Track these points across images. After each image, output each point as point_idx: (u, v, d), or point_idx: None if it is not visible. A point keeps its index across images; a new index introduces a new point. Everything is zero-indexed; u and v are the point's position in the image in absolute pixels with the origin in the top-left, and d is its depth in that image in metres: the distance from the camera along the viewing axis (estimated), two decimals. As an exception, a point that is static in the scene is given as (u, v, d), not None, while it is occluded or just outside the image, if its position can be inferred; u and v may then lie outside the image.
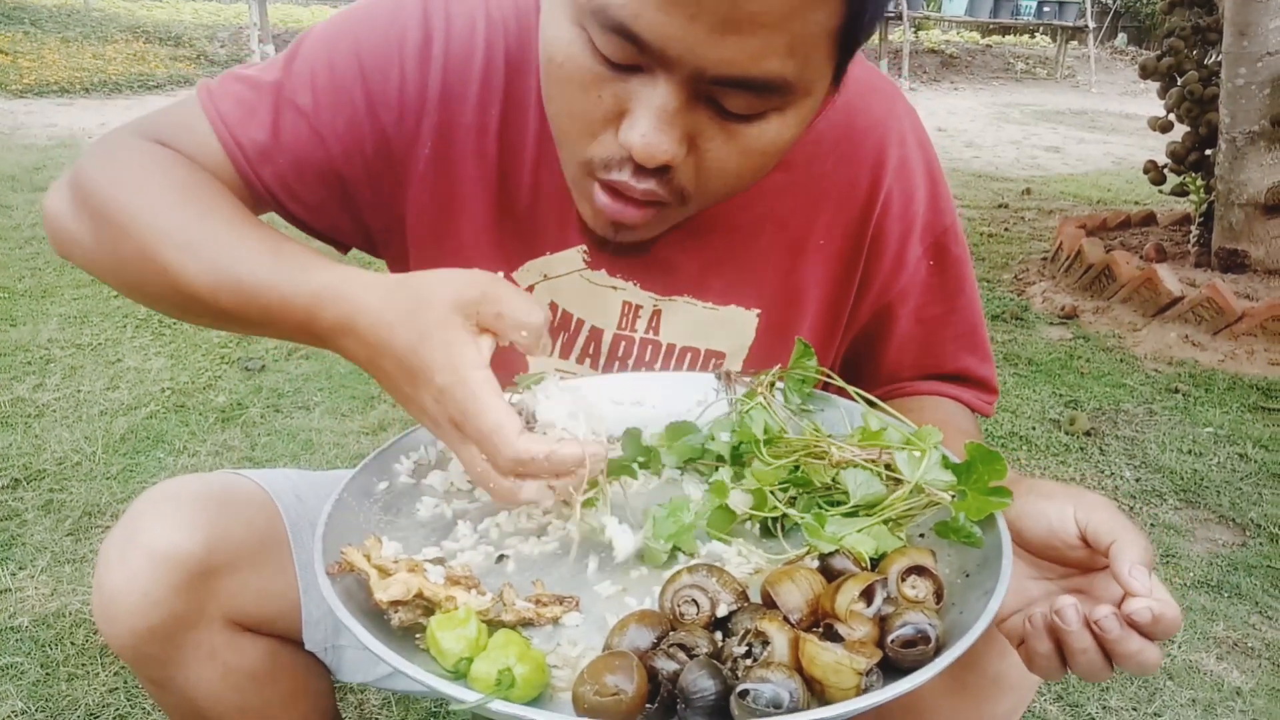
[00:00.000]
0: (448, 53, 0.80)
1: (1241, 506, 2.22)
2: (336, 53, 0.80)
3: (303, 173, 0.80)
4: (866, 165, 0.86)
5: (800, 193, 0.86)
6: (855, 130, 0.86)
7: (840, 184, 0.87)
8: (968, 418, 0.94)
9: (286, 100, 0.79)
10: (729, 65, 0.60)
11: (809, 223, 0.88)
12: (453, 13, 0.81)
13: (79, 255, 0.77)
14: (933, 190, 0.90)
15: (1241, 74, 3.37)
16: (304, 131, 0.79)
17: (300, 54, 0.81)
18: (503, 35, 0.81)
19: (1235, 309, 3.14)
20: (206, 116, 0.79)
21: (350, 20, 0.82)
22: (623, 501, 0.78)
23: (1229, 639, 1.76)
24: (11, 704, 1.43)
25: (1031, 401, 2.77)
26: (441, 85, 0.81)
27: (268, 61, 0.82)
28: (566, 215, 0.85)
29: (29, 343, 2.75)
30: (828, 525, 0.65)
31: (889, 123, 0.87)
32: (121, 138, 0.79)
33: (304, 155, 0.80)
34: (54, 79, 7.71)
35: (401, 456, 0.80)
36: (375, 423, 2.41)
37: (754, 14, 0.58)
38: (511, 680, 0.53)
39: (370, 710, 1.49)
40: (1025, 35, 15.91)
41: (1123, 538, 0.60)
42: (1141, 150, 6.70)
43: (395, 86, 0.80)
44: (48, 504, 1.96)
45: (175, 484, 0.83)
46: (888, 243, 0.89)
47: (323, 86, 0.79)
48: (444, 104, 0.81)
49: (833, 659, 0.53)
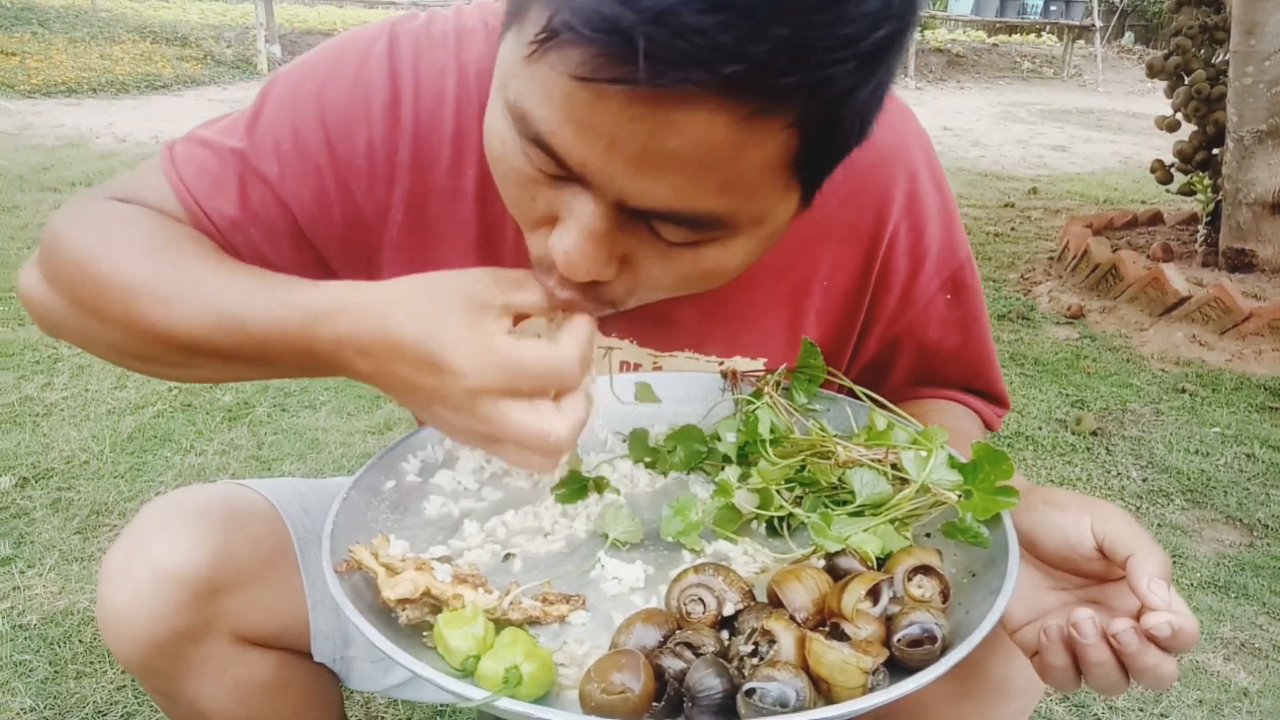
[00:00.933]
0: (416, 117, 0.76)
1: (1249, 507, 2.22)
2: (300, 115, 0.76)
3: (276, 240, 0.78)
4: (872, 203, 0.82)
5: (802, 237, 0.82)
6: (860, 167, 0.77)
7: (844, 224, 0.83)
8: (976, 425, 0.94)
9: (251, 169, 0.76)
10: (651, 199, 0.54)
11: (812, 265, 0.84)
12: (421, 68, 0.76)
13: (66, 330, 0.73)
14: (946, 223, 0.86)
15: (1249, 73, 3.36)
16: (270, 201, 0.76)
17: (264, 116, 0.77)
18: (475, 89, 0.76)
19: (1242, 308, 3.13)
20: (171, 186, 0.76)
21: (314, 76, 0.77)
22: (632, 494, 0.78)
23: (1236, 639, 1.75)
24: (20, 701, 1.44)
25: (1038, 401, 2.77)
26: (412, 151, 0.77)
27: (230, 120, 0.79)
28: None
29: (37, 342, 2.77)
30: (834, 525, 0.65)
31: (898, 156, 0.82)
32: (83, 202, 0.75)
33: (274, 225, 0.77)
34: (61, 79, 7.74)
35: (409, 455, 0.80)
36: (381, 422, 2.42)
37: (674, 151, 0.50)
38: (519, 678, 0.54)
39: (376, 709, 1.50)
40: (1031, 34, 15.88)
41: (1141, 550, 0.60)
42: (1148, 149, 6.69)
43: (363, 152, 0.76)
44: (56, 502, 1.97)
45: (179, 497, 0.81)
46: (895, 278, 0.86)
47: (287, 153, 0.76)
48: (414, 169, 0.77)
49: (839, 658, 0.53)
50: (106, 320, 0.68)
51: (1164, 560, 0.59)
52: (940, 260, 0.87)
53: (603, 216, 0.56)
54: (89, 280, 0.68)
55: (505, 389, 0.57)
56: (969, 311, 0.91)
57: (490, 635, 0.58)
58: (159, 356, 0.68)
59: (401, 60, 0.76)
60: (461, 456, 0.82)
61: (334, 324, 0.60)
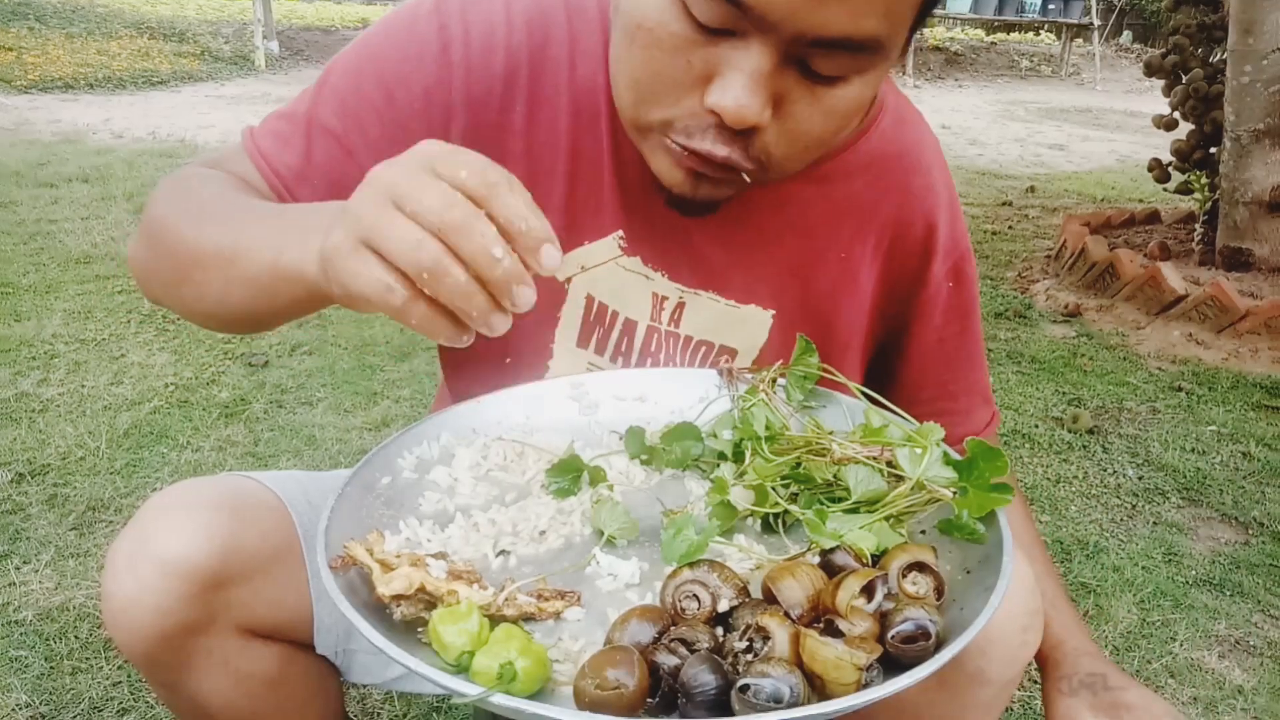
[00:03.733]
0: (467, 58, 0.82)
1: (1244, 505, 2.22)
2: (361, 76, 0.83)
3: (338, 192, 0.81)
4: (893, 189, 0.90)
5: (828, 207, 0.89)
6: (886, 156, 0.89)
7: (866, 204, 0.90)
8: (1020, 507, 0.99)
9: (317, 125, 0.83)
10: (830, 26, 0.61)
11: (832, 236, 0.90)
12: (470, 20, 0.82)
13: (164, 298, 0.80)
14: (953, 216, 0.94)
15: (1247, 72, 3.36)
16: (335, 152, 0.82)
17: (328, 82, 0.84)
18: (525, 36, 0.82)
19: (1239, 307, 3.14)
20: (246, 152, 0.84)
21: (370, 44, 0.84)
22: (627, 491, 0.78)
23: (1231, 637, 1.76)
24: (16, 697, 1.44)
25: (1034, 399, 2.77)
26: (465, 89, 0.82)
27: (301, 94, 0.86)
28: (602, 204, 0.87)
29: (33, 338, 2.76)
30: (829, 521, 0.65)
31: (918, 152, 0.91)
32: (175, 173, 0.83)
33: (337, 175, 0.82)
34: (59, 75, 7.72)
35: (405, 452, 0.80)
36: (378, 419, 2.42)
37: None
38: (513, 674, 0.54)
39: (373, 705, 1.50)
40: (1030, 32, 15.87)
41: None
42: (1146, 148, 6.69)
43: (419, 95, 0.82)
44: (52, 498, 1.97)
45: (184, 489, 0.81)
46: (908, 264, 0.93)
47: (350, 108, 0.82)
48: (468, 107, 0.83)
49: (833, 654, 0.53)
50: (185, 278, 0.74)
51: None
52: (947, 248, 0.93)
53: (767, 57, 0.64)
54: (165, 248, 0.75)
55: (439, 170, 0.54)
56: (967, 301, 0.97)
57: (485, 631, 0.58)
58: (240, 303, 0.72)
59: (449, 14, 0.83)
60: (458, 453, 0.82)
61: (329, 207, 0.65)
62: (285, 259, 0.64)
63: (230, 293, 0.71)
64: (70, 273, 3.31)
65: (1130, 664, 1.67)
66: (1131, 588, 1.88)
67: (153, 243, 0.79)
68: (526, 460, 0.82)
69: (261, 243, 0.67)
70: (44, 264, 3.39)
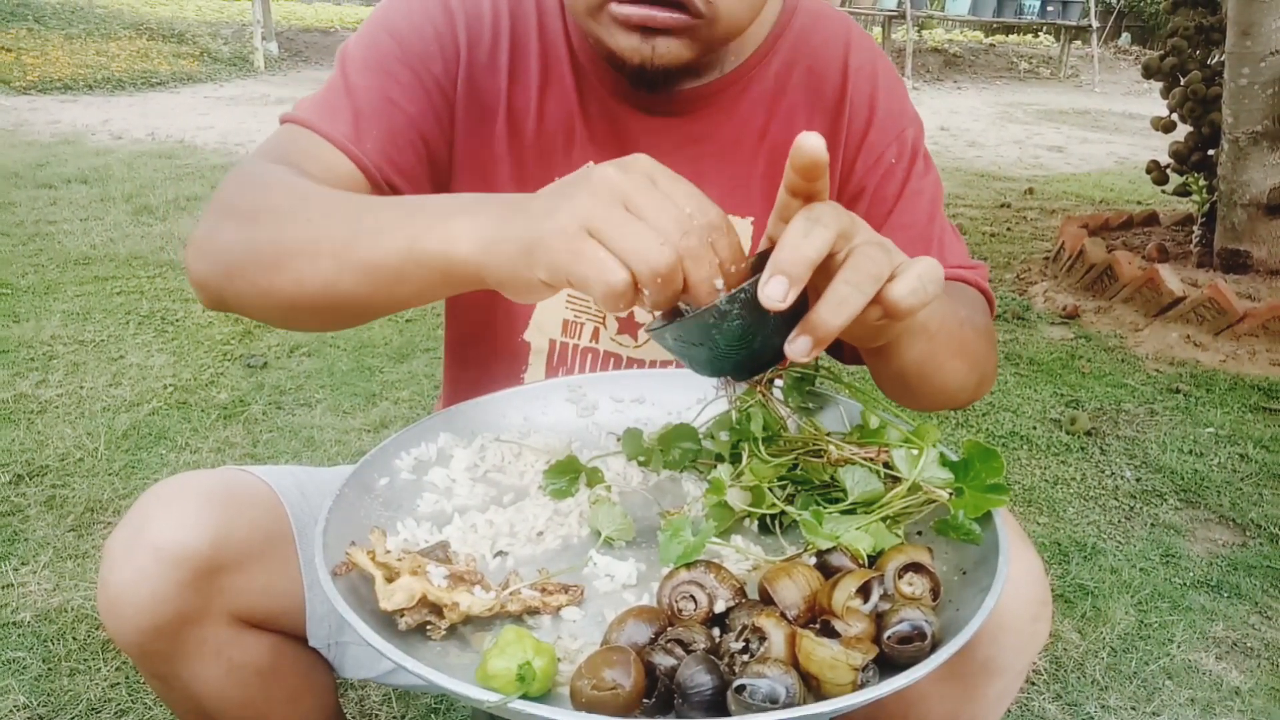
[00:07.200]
0: (466, 9, 0.93)
1: (1242, 507, 2.22)
2: (376, 37, 0.92)
3: (396, 140, 0.89)
4: (832, 72, 0.97)
5: (773, 104, 0.97)
6: (815, 45, 0.97)
7: (809, 92, 0.97)
8: (980, 305, 0.94)
9: (353, 87, 0.89)
10: None
11: (786, 129, 0.97)
12: None
13: (232, 301, 0.78)
14: (890, 88, 0.98)
15: (1245, 74, 3.37)
16: (379, 104, 0.89)
17: (348, 57, 0.92)
18: None
19: (1237, 309, 3.14)
20: (297, 130, 0.88)
21: (376, 16, 0.94)
22: (624, 492, 0.78)
23: (1228, 639, 1.76)
24: (14, 698, 1.44)
25: (1032, 401, 2.77)
26: (466, 31, 0.93)
27: (327, 81, 0.93)
28: (571, 138, 0.96)
29: (32, 339, 2.76)
30: (825, 522, 0.66)
31: (846, 37, 0.98)
32: (242, 167, 0.83)
33: (387, 124, 0.89)
34: (58, 76, 7.72)
35: (402, 453, 0.80)
36: (377, 420, 2.42)
37: None
38: (533, 674, 0.53)
39: (371, 706, 1.50)
40: (1029, 35, 15.89)
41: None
42: (1144, 150, 6.70)
43: (433, 38, 0.92)
44: (50, 500, 1.97)
45: (181, 480, 0.82)
46: (855, 129, 0.97)
47: (375, 64, 0.90)
48: (469, 47, 0.93)
49: (829, 655, 0.53)
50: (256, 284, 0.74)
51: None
52: (890, 119, 0.97)
53: None
54: (264, 237, 0.75)
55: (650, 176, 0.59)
56: (925, 178, 0.98)
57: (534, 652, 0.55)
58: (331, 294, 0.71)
59: None
60: (456, 455, 0.82)
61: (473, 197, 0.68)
62: (424, 242, 0.64)
63: (341, 279, 0.69)
64: (69, 274, 3.31)
65: (1128, 666, 1.67)
66: (1129, 589, 1.89)
67: (240, 234, 0.76)
68: (524, 461, 0.83)
69: (388, 228, 0.67)
70: (43, 265, 3.39)
